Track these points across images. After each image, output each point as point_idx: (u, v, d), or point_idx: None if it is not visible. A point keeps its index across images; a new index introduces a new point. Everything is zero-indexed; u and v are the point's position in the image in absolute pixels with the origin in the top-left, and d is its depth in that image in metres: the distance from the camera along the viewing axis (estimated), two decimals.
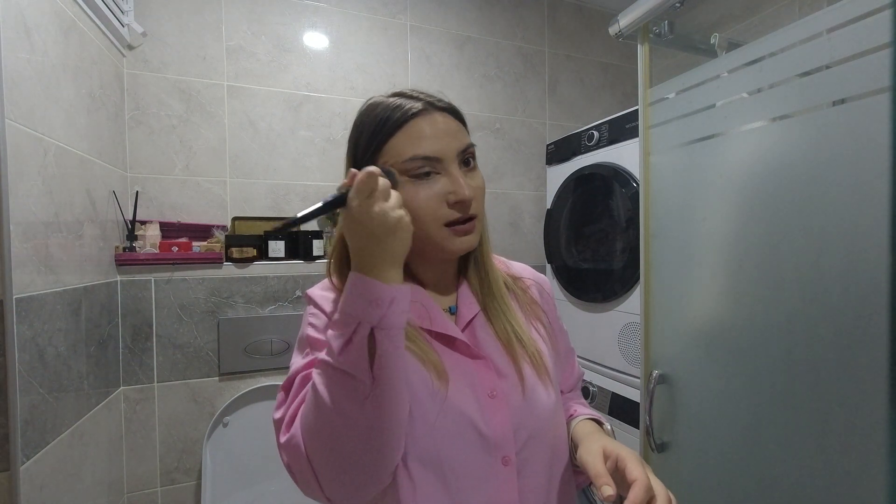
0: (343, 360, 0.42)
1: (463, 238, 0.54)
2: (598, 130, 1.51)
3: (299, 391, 0.47)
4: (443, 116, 0.55)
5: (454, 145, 0.53)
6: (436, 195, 0.52)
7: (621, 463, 0.47)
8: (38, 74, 0.91)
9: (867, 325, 0.62)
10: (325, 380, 0.42)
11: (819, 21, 0.68)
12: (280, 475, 1.48)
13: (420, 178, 0.52)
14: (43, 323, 0.91)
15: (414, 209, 0.52)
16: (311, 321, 0.54)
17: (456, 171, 0.53)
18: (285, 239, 1.52)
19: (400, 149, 0.53)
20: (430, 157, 0.52)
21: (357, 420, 0.42)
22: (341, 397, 0.42)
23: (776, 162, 0.74)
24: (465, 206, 0.53)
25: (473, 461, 0.49)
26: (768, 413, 0.75)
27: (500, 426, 0.51)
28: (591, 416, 0.63)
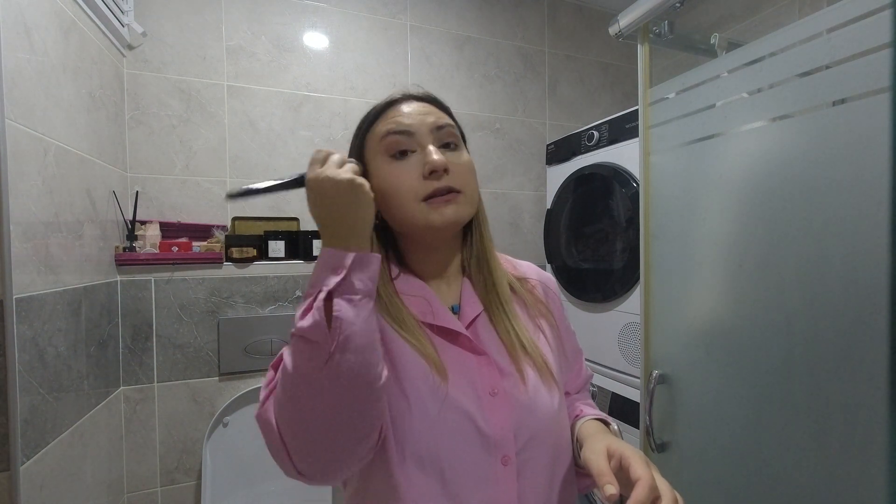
0: (302, 326, 0.42)
1: (442, 210, 0.52)
2: (598, 130, 1.51)
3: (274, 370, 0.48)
4: (419, 102, 0.56)
5: (428, 120, 0.54)
6: (411, 170, 0.53)
7: (625, 462, 0.46)
8: (38, 74, 0.91)
9: (867, 325, 0.62)
10: (290, 349, 0.43)
11: (819, 21, 0.68)
12: (280, 475, 1.48)
13: (397, 158, 0.53)
14: (43, 323, 0.91)
15: (393, 188, 0.53)
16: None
17: (430, 143, 0.53)
18: (286, 239, 1.52)
19: (378, 131, 0.55)
20: (401, 130, 0.53)
21: (321, 387, 0.41)
22: (302, 363, 0.42)
23: (776, 162, 0.74)
24: (437, 174, 0.52)
25: (472, 460, 0.49)
26: (768, 413, 0.75)
27: (500, 425, 0.50)
28: (598, 416, 0.61)
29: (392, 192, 0.53)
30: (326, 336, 0.41)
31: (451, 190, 0.52)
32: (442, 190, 0.52)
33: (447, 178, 0.52)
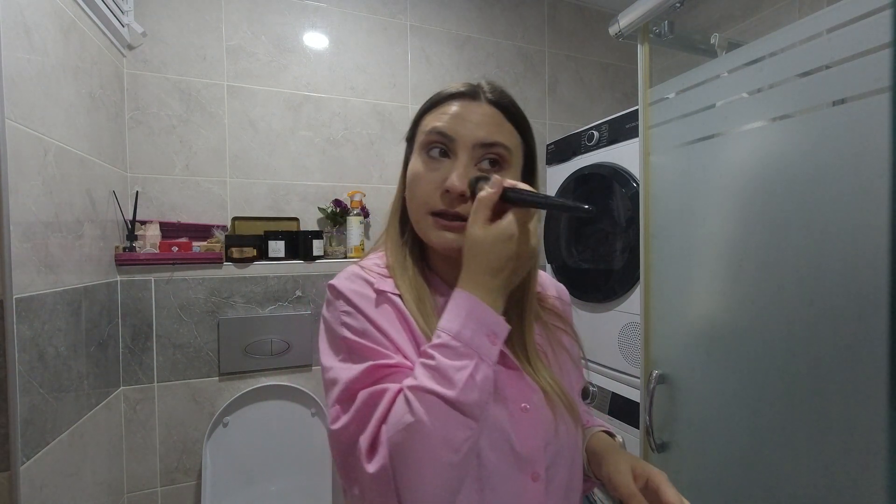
0: (464, 398, 0.40)
1: (440, 232, 0.50)
2: (598, 130, 1.51)
3: (369, 409, 0.43)
4: (484, 106, 0.51)
5: (476, 134, 0.49)
6: (434, 178, 0.50)
7: (653, 484, 0.47)
8: (38, 74, 0.91)
9: (867, 326, 0.62)
10: (436, 413, 0.39)
11: (819, 21, 0.68)
12: (280, 475, 1.48)
13: (432, 156, 0.51)
14: (43, 323, 0.91)
15: (413, 188, 0.51)
16: (346, 321, 0.49)
17: (463, 161, 0.49)
18: (286, 239, 1.52)
19: (428, 122, 0.52)
20: (443, 132, 0.50)
21: (461, 448, 0.40)
22: (453, 432, 0.40)
23: (776, 162, 0.74)
24: (451, 198, 0.49)
25: (505, 476, 0.47)
26: (768, 413, 0.75)
27: (532, 441, 0.49)
28: (604, 427, 0.62)
29: (411, 191, 0.52)
30: (483, 410, 0.41)
31: (458, 218, 0.49)
32: (449, 214, 0.49)
33: (462, 204, 0.49)
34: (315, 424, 1.52)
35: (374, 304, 0.49)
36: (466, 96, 0.52)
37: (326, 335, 0.51)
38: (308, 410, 1.53)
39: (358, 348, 0.47)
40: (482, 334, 0.43)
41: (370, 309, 0.49)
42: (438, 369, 0.41)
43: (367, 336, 0.47)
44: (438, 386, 0.40)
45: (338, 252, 1.61)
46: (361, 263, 0.55)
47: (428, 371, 0.42)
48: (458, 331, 0.43)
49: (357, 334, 0.47)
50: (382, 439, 0.40)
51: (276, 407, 1.51)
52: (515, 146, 0.52)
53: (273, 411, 1.50)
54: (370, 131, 1.71)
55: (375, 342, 0.47)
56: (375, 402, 0.43)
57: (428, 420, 0.39)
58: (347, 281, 0.52)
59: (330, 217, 1.61)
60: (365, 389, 0.44)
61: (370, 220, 1.70)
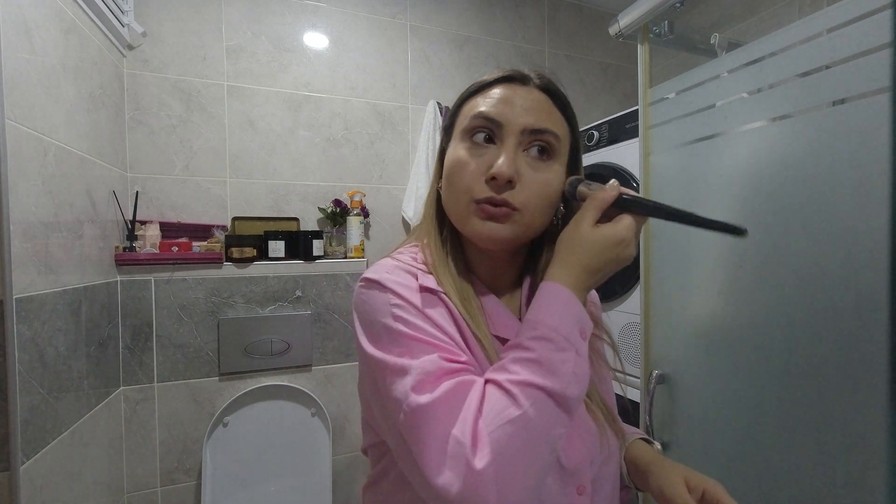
0: (569, 392, 0.39)
1: (483, 222, 0.47)
2: (598, 130, 1.51)
3: (458, 401, 0.39)
4: (533, 91, 0.49)
5: (524, 119, 0.47)
6: (479, 165, 0.47)
7: (709, 496, 0.46)
8: (38, 74, 0.91)
9: (867, 325, 0.62)
10: (541, 407, 0.38)
11: (819, 21, 0.68)
12: (280, 475, 1.48)
13: (476, 141, 0.48)
14: (43, 323, 0.91)
15: (455, 175, 0.49)
16: (399, 314, 0.45)
17: (510, 147, 0.47)
18: (286, 239, 1.52)
19: (472, 106, 0.50)
20: (490, 117, 0.47)
21: (556, 446, 0.39)
22: (554, 427, 0.39)
23: (776, 162, 0.74)
24: (497, 184, 0.46)
25: (552, 490, 0.45)
26: (768, 413, 0.75)
27: (578, 455, 0.47)
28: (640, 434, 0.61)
29: (452, 178, 0.49)
30: (579, 406, 0.41)
31: (505, 204, 0.46)
32: (495, 201, 0.46)
33: (509, 191, 0.46)
34: (315, 424, 1.52)
35: (421, 299, 0.46)
36: (515, 80, 0.50)
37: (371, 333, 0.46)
38: (308, 410, 1.53)
39: (420, 342, 0.43)
40: (576, 329, 0.42)
41: (421, 304, 0.46)
42: (540, 360, 0.40)
43: (425, 332, 0.44)
44: (543, 379, 0.39)
45: (338, 252, 1.61)
46: (396, 257, 0.52)
47: (528, 364, 0.40)
48: (557, 324, 0.41)
49: (415, 329, 0.44)
50: (482, 433, 0.37)
51: (276, 407, 1.51)
52: (564, 135, 0.50)
53: (273, 411, 1.50)
54: (370, 131, 1.71)
55: (436, 339, 0.44)
56: (465, 393, 0.40)
57: (534, 414, 0.38)
58: (389, 274, 0.48)
59: (330, 217, 1.61)
60: (448, 379, 0.40)
61: (370, 220, 1.70)
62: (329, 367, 1.60)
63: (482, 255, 0.53)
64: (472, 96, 0.52)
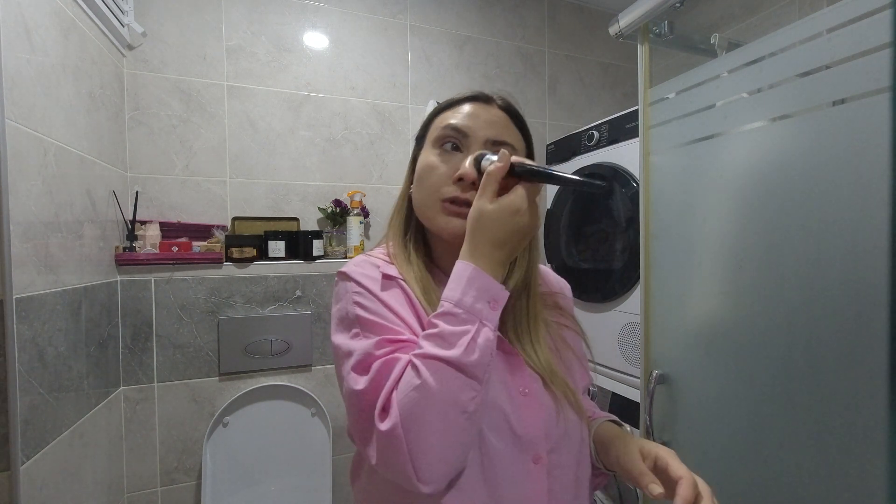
0: (466, 359, 0.43)
1: (448, 218, 0.53)
2: (598, 130, 1.51)
3: (383, 377, 0.46)
4: (495, 110, 0.57)
5: (488, 132, 0.55)
6: (447, 168, 0.54)
7: (661, 462, 0.48)
8: (38, 74, 0.91)
9: (867, 325, 0.62)
10: (441, 375, 0.43)
11: (819, 21, 0.68)
12: (280, 475, 1.48)
13: (445, 150, 0.55)
14: (43, 323, 0.91)
15: (425, 176, 0.55)
16: (358, 300, 0.51)
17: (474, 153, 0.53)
18: (286, 239, 1.52)
19: (442, 119, 0.57)
20: (458, 128, 0.55)
21: (467, 408, 0.43)
22: (458, 392, 0.43)
23: (776, 162, 0.74)
24: (463, 184, 0.53)
25: (507, 457, 0.49)
26: (768, 413, 0.75)
27: (532, 425, 0.51)
28: (610, 418, 0.63)
29: (422, 180, 0.56)
30: (485, 371, 0.44)
31: (469, 203, 0.51)
32: (461, 200, 0.52)
33: (472, 192, 0.52)
34: (315, 424, 1.52)
35: (381, 285, 0.53)
36: (479, 100, 0.57)
37: (338, 315, 0.53)
38: (308, 410, 1.53)
39: (370, 325, 0.50)
40: (483, 301, 0.46)
41: (379, 290, 0.52)
42: (441, 335, 0.45)
43: (378, 314, 0.50)
44: (441, 350, 0.44)
45: (338, 252, 1.61)
46: (368, 253, 0.60)
47: (432, 339, 0.45)
48: (459, 299, 0.46)
49: (369, 312, 0.50)
50: (393, 402, 0.43)
51: (276, 407, 1.51)
52: (521, 148, 0.57)
53: (273, 411, 1.50)
54: (370, 131, 1.71)
55: (387, 319, 0.50)
56: (389, 370, 0.46)
57: (433, 382, 0.42)
58: (355, 266, 0.56)
59: (330, 217, 1.61)
60: (379, 360, 0.46)
61: (370, 220, 1.70)
62: (329, 367, 1.60)
63: (446, 250, 0.59)
64: (442, 111, 0.59)
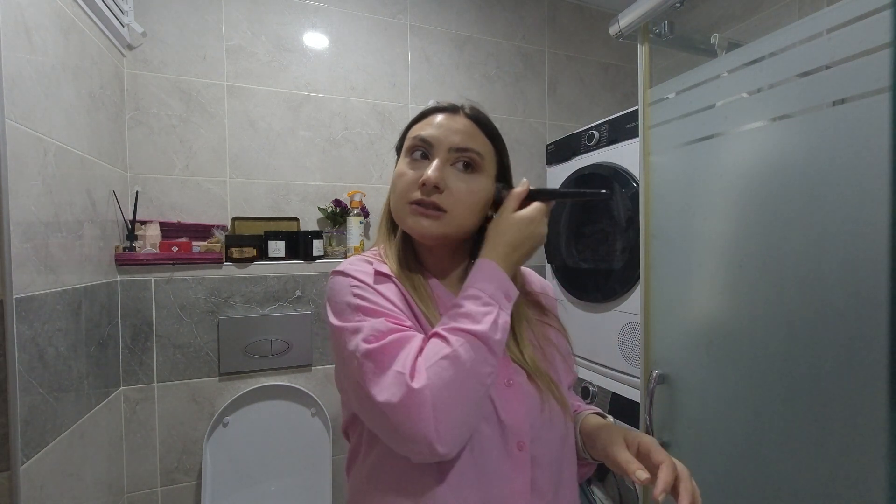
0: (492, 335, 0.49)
1: (415, 218, 0.57)
2: (598, 130, 1.51)
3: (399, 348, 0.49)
4: (462, 118, 0.60)
5: (453, 139, 0.58)
6: (415, 174, 0.57)
7: (644, 448, 0.52)
8: (38, 74, 0.91)
9: (867, 325, 0.62)
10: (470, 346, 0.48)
11: (819, 21, 0.68)
12: (280, 475, 1.48)
13: (415, 158, 0.59)
14: (43, 323, 0.91)
15: (396, 182, 0.59)
16: (357, 292, 0.54)
17: (439, 160, 0.57)
18: (286, 239, 1.52)
19: (413, 131, 0.61)
20: (424, 139, 0.58)
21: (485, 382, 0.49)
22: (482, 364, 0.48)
23: (776, 162, 0.74)
24: (425, 188, 0.56)
25: (492, 441, 0.52)
26: (768, 413, 0.75)
27: (515, 414, 0.54)
28: (595, 411, 0.66)
29: (395, 186, 0.60)
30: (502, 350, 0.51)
31: (435, 206, 0.56)
32: (425, 203, 0.56)
33: (437, 195, 0.56)
34: (315, 424, 1.52)
35: (375, 279, 0.56)
36: (448, 111, 0.61)
37: (336, 308, 0.55)
38: (308, 410, 1.53)
39: (373, 312, 0.52)
40: (501, 292, 0.53)
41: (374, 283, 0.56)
42: (468, 313, 0.50)
43: (378, 304, 0.53)
44: (470, 324, 0.49)
45: (338, 252, 1.61)
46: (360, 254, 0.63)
47: (458, 317, 0.51)
48: (483, 286, 0.52)
49: (369, 302, 0.53)
50: (420, 367, 0.47)
51: (276, 407, 1.51)
52: (488, 154, 0.60)
53: (273, 411, 1.50)
54: (370, 131, 1.71)
55: (387, 309, 0.53)
56: (407, 342, 0.49)
57: (463, 352, 0.48)
58: (350, 264, 0.59)
59: (330, 217, 1.61)
60: (394, 333, 0.50)
61: (370, 220, 1.70)
62: (329, 367, 1.60)
63: (427, 250, 0.63)
64: (415, 123, 0.62)
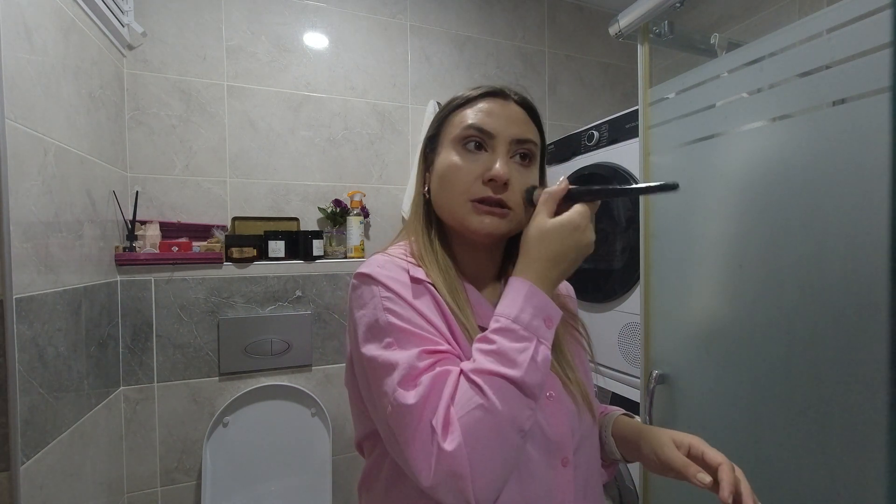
0: (529, 379, 0.43)
1: (483, 217, 0.52)
2: (598, 130, 1.51)
3: (436, 390, 0.43)
4: (513, 106, 0.55)
5: (512, 130, 0.53)
6: (475, 169, 0.52)
7: (695, 450, 0.50)
8: (38, 74, 0.91)
9: (867, 325, 0.62)
10: (504, 394, 0.42)
11: (819, 21, 0.68)
12: (280, 475, 1.48)
13: (468, 149, 0.53)
14: (43, 323, 0.91)
15: (451, 177, 0.53)
16: (388, 306, 0.48)
17: (502, 153, 0.53)
18: (286, 239, 1.52)
19: (461, 118, 0.55)
20: (483, 129, 0.53)
21: (524, 427, 0.43)
22: (519, 411, 0.42)
23: (776, 162, 0.74)
24: (496, 185, 0.52)
25: (539, 462, 0.49)
26: (768, 413, 0.75)
27: (559, 428, 0.51)
28: (622, 411, 0.64)
29: (448, 181, 0.54)
30: (542, 390, 0.44)
31: (501, 204, 0.52)
32: (492, 200, 0.52)
33: (504, 192, 0.52)
34: (315, 424, 1.52)
35: (411, 290, 0.50)
36: (497, 95, 0.55)
37: (365, 323, 0.49)
38: (308, 410, 1.53)
39: (406, 334, 0.46)
40: (539, 318, 0.46)
41: (409, 295, 0.49)
42: (501, 353, 0.44)
43: (412, 322, 0.47)
44: (504, 368, 0.43)
45: (338, 252, 1.61)
46: (388, 251, 0.56)
47: (490, 355, 0.44)
48: (516, 315, 0.45)
49: (402, 320, 0.47)
50: (453, 419, 0.41)
51: (276, 407, 1.51)
52: (539, 143, 0.57)
53: (273, 411, 1.50)
54: (370, 131, 1.71)
55: (422, 328, 0.47)
56: (441, 384, 0.44)
57: (497, 401, 0.41)
58: (381, 268, 0.51)
59: (330, 217, 1.61)
60: (427, 373, 0.44)
61: (370, 220, 1.70)
62: (329, 367, 1.60)
63: (467, 251, 0.58)
64: (458, 109, 0.56)
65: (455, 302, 0.51)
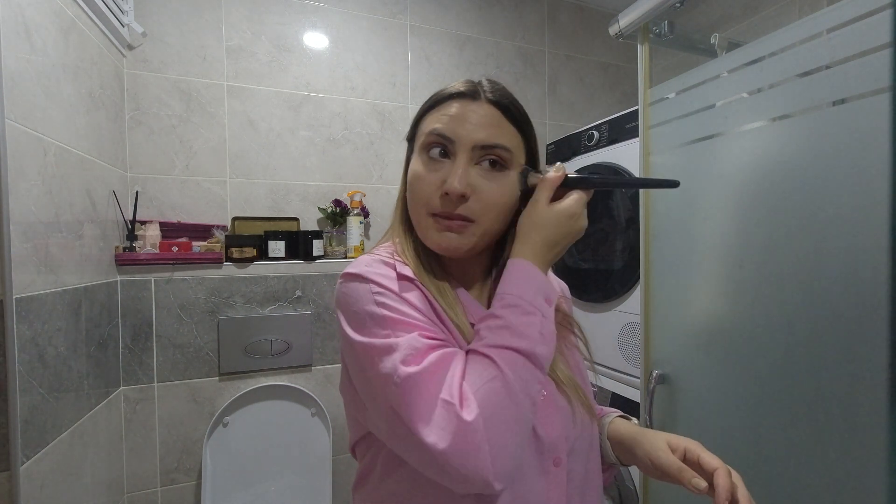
0: (539, 350, 0.44)
1: (442, 234, 0.50)
2: (598, 130, 1.51)
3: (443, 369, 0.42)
4: (485, 107, 0.51)
5: (477, 135, 0.49)
6: (435, 179, 0.50)
7: (691, 455, 0.50)
8: (38, 74, 0.91)
9: (867, 325, 0.62)
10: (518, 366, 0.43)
11: (819, 21, 0.68)
12: (280, 475, 1.48)
13: (432, 157, 0.51)
14: (43, 323, 0.91)
15: (413, 187, 0.52)
16: (380, 301, 0.47)
17: (462, 162, 0.49)
18: (285, 239, 1.52)
19: (428, 123, 0.52)
20: (443, 134, 0.50)
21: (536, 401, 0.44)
22: (531, 383, 0.43)
23: (776, 162, 0.74)
24: (449, 200, 0.48)
25: (531, 462, 0.48)
26: (768, 413, 0.75)
27: (552, 428, 0.50)
28: (619, 413, 0.63)
29: (412, 191, 0.52)
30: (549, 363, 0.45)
31: (461, 217, 0.49)
32: (450, 215, 0.49)
33: (463, 205, 0.49)
34: (315, 424, 1.52)
35: (400, 286, 0.49)
36: (466, 96, 0.51)
37: (357, 319, 0.47)
38: (308, 410, 1.53)
39: (402, 324, 0.45)
40: (540, 296, 0.47)
41: (400, 290, 0.48)
42: (510, 327, 0.44)
43: (406, 314, 0.46)
44: (515, 340, 0.43)
45: (338, 252, 1.61)
46: (374, 251, 0.55)
47: (499, 330, 0.45)
48: (521, 292, 0.46)
49: (396, 312, 0.46)
50: (468, 393, 0.41)
51: (276, 407, 1.51)
52: (516, 146, 0.52)
53: (273, 411, 1.50)
54: (370, 131, 1.71)
55: (417, 320, 0.46)
56: (449, 362, 0.43)
57: (511, 373, 0.42)
58: (367, 266, 0.50)
59: (330, 217, 1.61)
60: (433, 352, 0.43)
61: (370, 220, 1.70)
62: (329, 367, 1.60)
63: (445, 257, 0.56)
64: (428, 111, 0.54)
65: (444, 300, 0.50)
